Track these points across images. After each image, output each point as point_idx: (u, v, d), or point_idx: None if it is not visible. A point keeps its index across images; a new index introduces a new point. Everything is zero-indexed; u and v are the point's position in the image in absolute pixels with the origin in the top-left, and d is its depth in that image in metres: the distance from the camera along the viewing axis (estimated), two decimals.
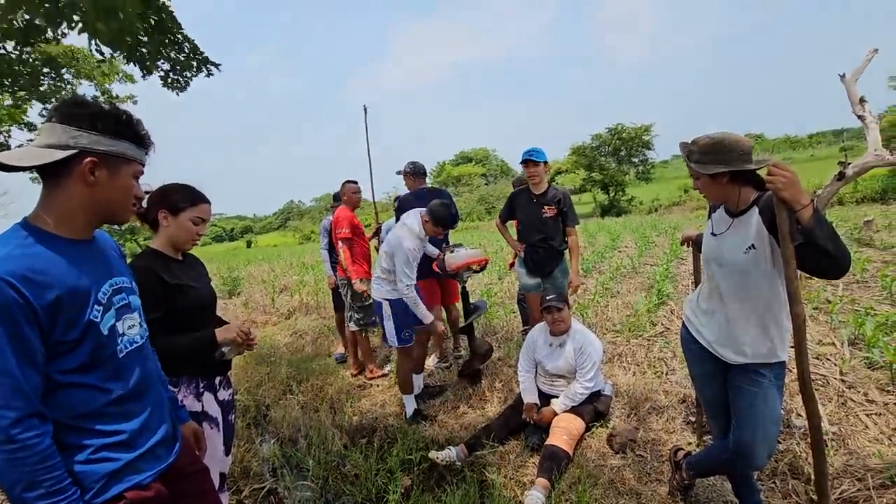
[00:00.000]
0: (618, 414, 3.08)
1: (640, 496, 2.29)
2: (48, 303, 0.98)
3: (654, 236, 12.34)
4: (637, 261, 8.49)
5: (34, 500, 0.94)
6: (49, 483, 0.95)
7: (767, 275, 1.66)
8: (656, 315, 5.10)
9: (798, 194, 1.42)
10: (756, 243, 1.64)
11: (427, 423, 3.27)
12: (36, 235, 1.04)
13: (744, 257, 1.67)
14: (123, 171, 1.12)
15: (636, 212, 26.65)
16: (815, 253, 1.44)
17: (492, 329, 5.10)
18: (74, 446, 1.04)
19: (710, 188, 1.72)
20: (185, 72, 4.62)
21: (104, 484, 1.06)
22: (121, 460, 1.09)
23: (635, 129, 31.09)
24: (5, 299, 0.93)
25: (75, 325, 1.03)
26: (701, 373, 1.96)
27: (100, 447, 1.07)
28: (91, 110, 1.06)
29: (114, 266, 1.20)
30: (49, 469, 0.96)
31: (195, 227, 1.70)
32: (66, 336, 1.02)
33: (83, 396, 1.06)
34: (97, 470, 1.06)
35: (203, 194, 1.74)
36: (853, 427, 2.67)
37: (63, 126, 1.03)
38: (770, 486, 2.28)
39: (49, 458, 0.96)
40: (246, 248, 49.69)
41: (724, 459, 1.90)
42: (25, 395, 0.95)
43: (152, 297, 1.52)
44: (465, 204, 38.19)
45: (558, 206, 3.56)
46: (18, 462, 0.93)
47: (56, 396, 1.03)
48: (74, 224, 1.10)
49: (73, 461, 1.03)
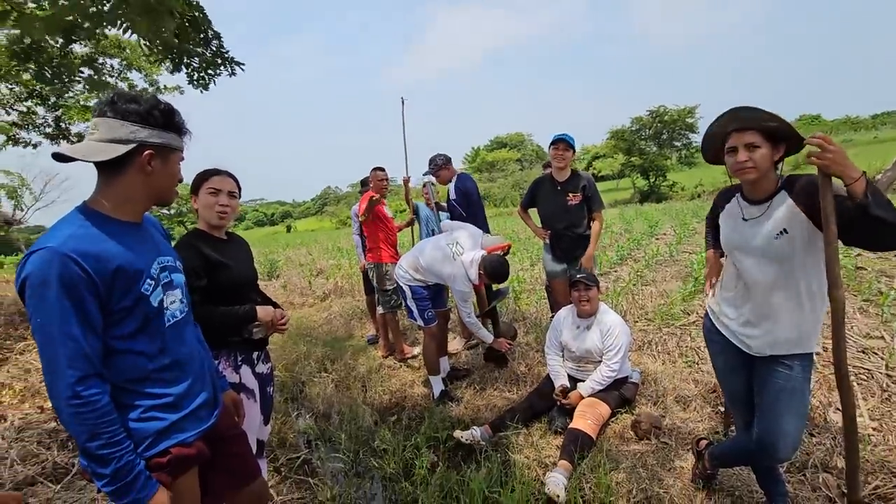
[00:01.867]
0: (643, 401, 3.06)
1: (662, 482, 2.30)
2: (107, 276, 1.11)
3: (695, 223, 11.88)
4: (675, 248, 8.24)
5: (96, 449, 1.08)
6: (108, 435, 1.09)
7: (800, 261, 1.59)
8: (690, 304, 4.96)
9: (849, 168, 1.35)
10: (788, 228, 1.58)
11: (453, 403, 3.36)
12: (95, 218, 1.17)
13: (775, 243, 1.61)
14: (172, 158, 1.26)
15: (677, 198, 25.67)
16: (872, 226, 1.36)
17: (521, 314, 5.12)
18: (128, 406, 1.18)
19: (765, 161, 1.57)
20: (209, 69, 4.75)
21: (153, 440, 1.20)
22: (167, 420, 1.23)
23: (678, 112, 29.73)
24: (70, 274, 1.06)
25: (128, 296, 1.16)
26: (724, 364, 1.91)
27: (149, 407, 1.21)
28: (144, 106, 1.19)
29: (160, 246, 1.34)
30: (108, 423, 1.09)
31: (213, 199, 1.83)
32: (119, 304, 1.15)
33: (134, 362, 1.19)
34: (148, 427, 1.19)
35: (214, 168, 1.87)
36: (894, 422, 2.55)
37: (121, 122, 1.16)
38: (799, 479, 2.23)
39: (107, 413, 1.09)
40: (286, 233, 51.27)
41: (747, 451, 1.88)
42: (88, 357, 1.08)
43: (194, 270, 1.68)
44: (499, 190, 37.88)
45: (584, 192, 3.51)
46: (82, 416, 1.06)
47: (112, 361, 1.16)
48: (130, 208, 1.24)
49: (128, 419, 1.17)
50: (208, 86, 4.88)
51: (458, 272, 3.16)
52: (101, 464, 1.08)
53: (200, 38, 4.46)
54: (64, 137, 7.81)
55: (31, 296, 1.06)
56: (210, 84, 4.86)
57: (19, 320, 6.65)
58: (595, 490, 2.28)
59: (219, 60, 4.67)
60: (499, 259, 3.13)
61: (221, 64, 4.73)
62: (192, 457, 1.28)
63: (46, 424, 3.28)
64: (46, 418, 3.40)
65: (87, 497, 2.48)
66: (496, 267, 3.08)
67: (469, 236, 3.32)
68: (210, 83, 4.86)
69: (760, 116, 1.55)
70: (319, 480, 2.67)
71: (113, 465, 1.09)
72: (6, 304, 7.91)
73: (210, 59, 4.62)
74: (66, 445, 3.01)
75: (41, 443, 3.03)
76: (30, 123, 7.50)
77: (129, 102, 1.17)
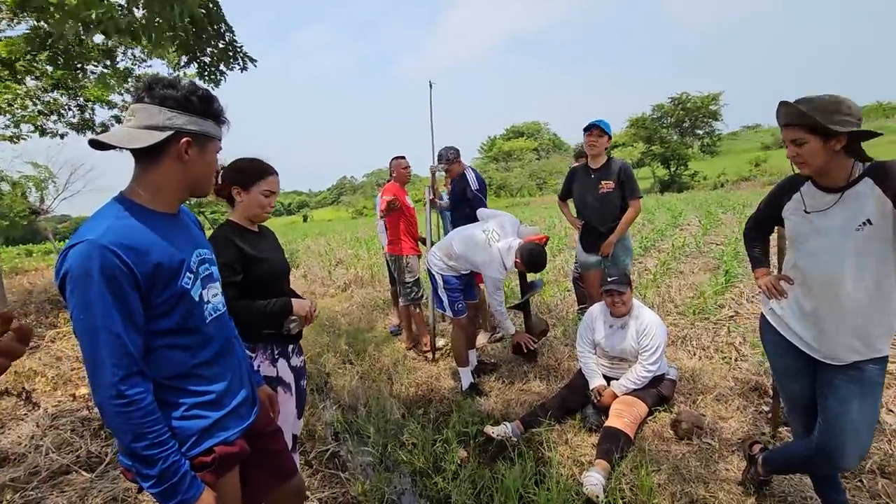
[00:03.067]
0: (681, 399, 2.96)
1: (708, 485, 2.20)
2: (147, 269, 1.06)
3: (721, 213, 11.58)
4: (701, 239, 8.02)
5: (141, 450, 1.03)
6: (153, 435, 1.04)
7: (882, 255, 1.47)
8: (723, 297, 4.81)
9: None
10: (873, 218, 1.45)
11: (482, 397, 3.30)
12: (132, 209, 1.11)
13: (856, 235, 1.49)
14: (209, 147, 1.20)
15: (699, 187, 25.09)
16: None
17: (546, 307, 5.03)
18: (171, 404, 1.14)
19: (816, 155, 1.48)
20: (220, 63, 4.65)
21: (197, 439, 1.16)
22: (210, 418, 1.18)
23: (701, 99, 29.00)
24: (111, 267, 1.01)
25: (169, 289, 1.11)
26: (784, 367, 1.79)
27: (192, 405, 1.16)
28: (182, 92, 1.12)
29: (197, 238, 1.28)
30: (153, 423, 1.05)
31: (265, 200, 1.78)
32: (160, 298, 1.10)
33: (175, 358, 1.15)
34: (191, 426, 1.15)
35: (270, 167, 1.81)
36: None
37: (159, 108, 1.10)
38: (856, 485, 2.11)
39: (152, 412, 1.05)
40: (302, 223, 51.74)
41: (806, 458, 1.76)
42: (131, 354, 1.03)
43: (231, 265, 1.63)
44: (515, 179, 37.53)
45: (619, 178, 3.38)
46: (127, 415, 1.02)
47: (152, 357, 1.11)
48: (167, 198, 1.18)
49: (171, 417, 1.13)
50: (220, 82, 4.80)
51: (494, 258, 3.09)
52: (147, 465, 1.04)
53: (213, 31, 4.38)
54: (90, 128, 7.88)
55: (73, 290, 1.01)
56: (221, 80, 4.79)
57: (49, 308, 6.79)
58: (636, 492, 2.19)
59: (230, 55, 4.59)
60: (537, 247, 3.05)
61: (233, 58, 4.64)
62: (234, 455, 1.24)
63: (80, 412, 3.32)
64: (79, 406, 3.44)
65: (122, 487, 2.49)
66: (534, 255, 3.01)
67: (506, 223, 3.26)
68: (221, 79, 4.78)
69: (793, 112, 1.48)
70: (350, 475, 2.64)
71: (159, 465, 1.05)
72: (36, 291, 8.10)
73: (222, 53, 4.53)
74: (99, 434, 3.04)
75: (75, 431, 3.07)
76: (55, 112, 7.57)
77: (166, 88, 1.12)
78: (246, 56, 4.66)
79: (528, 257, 3.00)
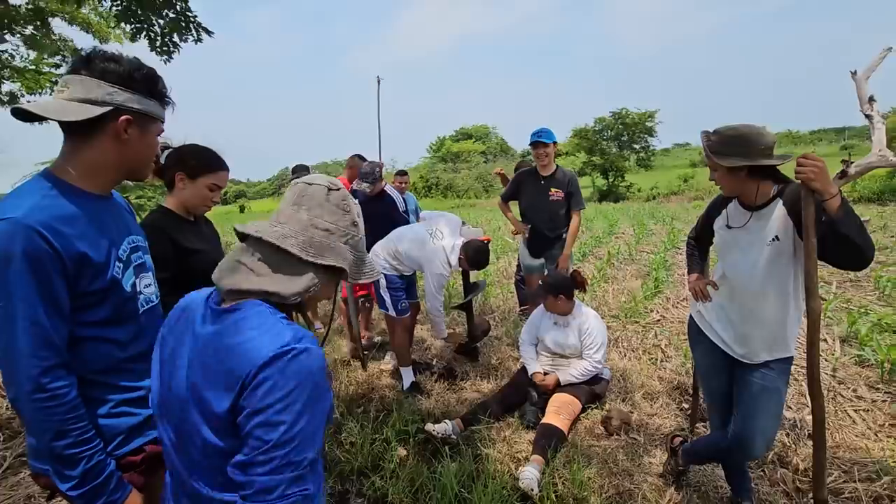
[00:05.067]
0: (612, 398, 3.13)
1: (633, 477, 2.35)
2: (76, 254, 0.97)
3: (652, 224, 12.37)
4: (634, 248, 8.52)
5: (63, 448, 0.95)
6: (77, 432, 0.97)
7: (785, 269, 1.66)
8: (652, 303, 5.14)
9: (828, 184, 1.41)
10: (780, 235, 1.63)
11: (423, 396, 3.30)
12: (60, 187, 1.02)
13: (766, 250, 1.66)
14: (151, 129, 1.12)
15: (634, 199, 26.62)
16: (841, 243, 1.44)
17: (489, 308, 5.13)
18: (97, 400, 1.05)
19: (726, 181, 1.70)
20: (173, 34, 4.34)
21: (125, 437, 1.08)
22: (140, 415, 1.11)
23: (639, 115, 30.76)
24: (36, 249, 0.92)
25: (99, 278, 1.03)
26: (708, 365, 1.97)
27: (120, 402, 1.09)
28: (126, 68, 1.04)
29: (130, 224, 1.19)
30: (77, 419, 0.97)
31: (210, 194, 1.68)
32: (90, 288, 1.01)
33: (104, 351, 1.07)
34: (119, 424, 1.08)
35: (222, 160, 1.71)
36: (841, 422, 2.73)
37: (98, 81, 1.01)
38: (759, 474, 2.34)
39: (76, 408, 0.97)
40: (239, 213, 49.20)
41: (721, 449, 1.94)
42: (54, 345, 0.95)
43: (163, 257, 1.50)
44: (462, 181, 37.94)
45: (567, 188, 3.53)
46: (48, 411, 0.93)
47: (78, 350, 1.03)
48: (99, 179, 1.09)
49: (97, 414, 1.05)
50: (172, 54, 4.46)
51: (439, 257, 3.14)
52: (69, 465, 0.96)
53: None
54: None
55: None
56: (174, 52, 4.45)
57: None
58: (568, 485, 2.29)
59: (183, 24, 4.28)
60: (481, 245, 3.15)
61: (186, 28, 4.33)
62: None
63: None
64: None
65: (22, 494, 2.25)
66: (479, 252, 3.11)
67: (449, 223, 3.32)
68: (174, 51, 4.45)
69: (704, 145, 1.70)
70: None
71: (82, 465, 0.97)
72: None
73: (174, 23, 4.21)
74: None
75: None
76: None
77: (108, 61, 1.02)
78: (200, 27, 4.36)
79: (472, 254, 3.09)
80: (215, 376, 0.78)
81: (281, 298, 0.84)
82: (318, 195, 0.89)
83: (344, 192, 0.93)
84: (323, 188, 0.90)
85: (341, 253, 0.90)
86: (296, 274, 0.86)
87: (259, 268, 0.85)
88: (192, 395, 0.80)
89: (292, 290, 0.85)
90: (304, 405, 0.77)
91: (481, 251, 3.13)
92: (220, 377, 0.77)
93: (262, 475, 0.74)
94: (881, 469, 2.28)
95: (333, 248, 0.89)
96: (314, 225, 0.88)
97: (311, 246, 0.86)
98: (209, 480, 0.82)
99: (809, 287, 1.54)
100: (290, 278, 0.85)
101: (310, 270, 0.87)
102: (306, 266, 0.86)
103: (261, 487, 0.74)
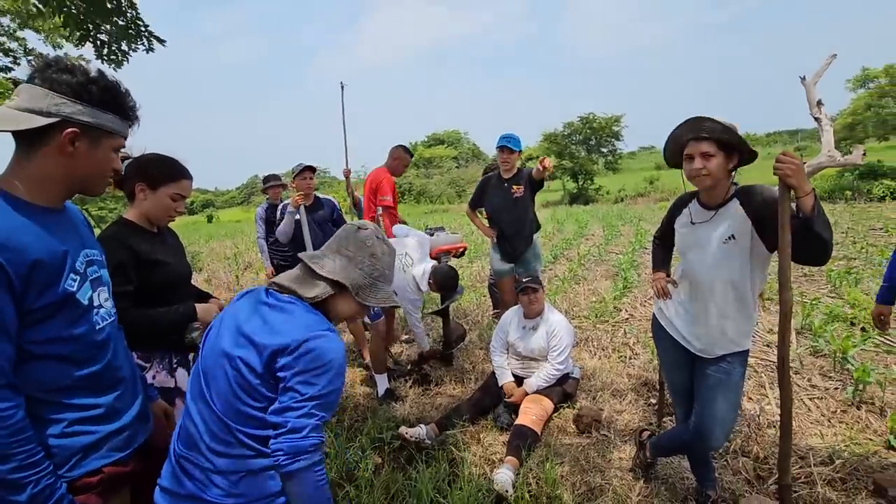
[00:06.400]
0: (583, 396, 3.20)
1: (604, 473, 2.40)
2: (23, 270, 0.94)
3: (620, 225, 12.69)
4: (603, 249, 8.73)
5: (7, 473, 0.91)
6: (22, 456, 0.93)
7: (743, 266, 1.72)
8: (621, 302, 5.28)
9: (804, 182, 1.45)
10: (736, 234, 1.70)
11: (398, 402, 3.29)
12: (7, 200, 0.98)
13: (722, 247, 1.73)
14: (104, 143, 1.07)
15: (602, 201, 27.25)
16: (809, 239, 1.48)
17: (462, 312, 5.16)
18: (48, 420, 1.01)
19: (720, 169, 1.66)
20: (122, 43, 4.19)
21: (80, 458, 1.04)
22: (97, 434, 1.07)
23: (606, 119, 31.58)
24: None
25: (49, 293, 0.99)
26: (670, 361, 2.05)
27: (74, 421, 1.04)
28: (79, 78, 1.00)
29: (85, 238, 1.16)
30: (23, 442, 0.93)
31: (173, 204, 1.63)
32: (38, 304, 0.97)
33: (58, 369, 1.03)
34: (72, 444, 1.03)
35: (185, 169, 1.67)
36: (798, 410, 2.87)
37: (45, 91, 0.98)
38: (722, 464, 2.43)
39: (22, 430, 0.93)
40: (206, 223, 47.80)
41: (684, 441, 2.02)
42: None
43: (123, 270, 1.46)
44: (435, 187, 38.04)
45: (527, 182, 3.61)
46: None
47: (29, 369, 0.99)
48: (47, 193, 1.05)
49: (47, 435, 1.00)
50: (122, 63, 4.30)
51: (410, 286, 3.26)
52: (15, 490, 0.92)
53: (112, 6, 3.92)
54: None
55: None
56: (123, 61, 4.29)
57: None
58: (541, 484, 2.33)
59: (132, 32, 4.12)
60: (448, 270, 3.28)
61: (136, 37, 4.18)
62: (126, 475, 1.13)
63: None
64: None
65: None
66: (446, 279, 3.24)
67: (418, 245, 3.43)
68: (124, 60, 4.29)
69: (716, 128, 1.64)
70: None
71: (28, 490, 0.93)
72: None
73: (122, 30, 4.04)
74: None
75: None
76: None
77: (61, 72, 0.99)
78: (152, 35, 4.20)
79: (441, 280, 3.23)
80: (269, 335, 1.09)
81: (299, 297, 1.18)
82: (349, 230, 1.30)
83: (367, 233, 1.29)
84: (354, 226, 1.31)
85: (349, 273, 1.23)
86: (313, 284, 1.22)
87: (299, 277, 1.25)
88: (246, 341, 1.10)
89: (307, 294, 1.19)
90: (334, 376, 1.08)
91: (448, 277, 3.26)
92: (271, 337, 1.08)
93: (295, 418, 1.03)
94: (834, 454, 2.41)
95: (344, 269, 1.24)
96: (339, 252, 1.27)
97: (324, 266, 1.23)
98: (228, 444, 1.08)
99: (783, 279, 1.59)
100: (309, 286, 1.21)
101: (321, 282, 1.22)
102: (320, 279, 1.22)
103: (293, 426, 1.02)
